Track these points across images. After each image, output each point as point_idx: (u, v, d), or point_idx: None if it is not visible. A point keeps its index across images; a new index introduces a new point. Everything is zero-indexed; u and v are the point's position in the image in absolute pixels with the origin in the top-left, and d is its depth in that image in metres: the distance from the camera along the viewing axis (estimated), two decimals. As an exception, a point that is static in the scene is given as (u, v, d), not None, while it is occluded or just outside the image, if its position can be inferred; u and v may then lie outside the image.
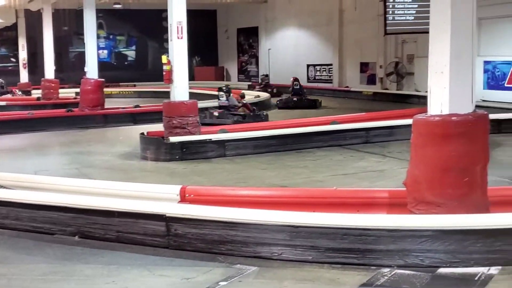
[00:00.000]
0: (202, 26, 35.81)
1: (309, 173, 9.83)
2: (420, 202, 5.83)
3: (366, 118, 14.33)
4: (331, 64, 28.46)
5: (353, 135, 12.70)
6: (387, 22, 20.61)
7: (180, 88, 11.99)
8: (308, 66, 30.11)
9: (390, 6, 20.21)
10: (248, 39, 36.03)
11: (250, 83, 32.76)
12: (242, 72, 36.52)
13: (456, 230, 5.17)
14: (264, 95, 22.88)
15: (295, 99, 20.85)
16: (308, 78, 29.69)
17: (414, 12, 20.22)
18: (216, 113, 16.10)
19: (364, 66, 26.59)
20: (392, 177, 9.16)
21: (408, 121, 6.38)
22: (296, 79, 21.83)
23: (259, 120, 15.79)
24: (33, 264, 5.77)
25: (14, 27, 30.89)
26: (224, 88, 16.73)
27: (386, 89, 24.83)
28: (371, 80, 26.10)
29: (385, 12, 20.52)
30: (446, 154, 5.72)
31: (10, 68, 33.76)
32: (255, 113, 16.46)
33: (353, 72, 27.20)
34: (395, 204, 6.28)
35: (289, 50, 31.57)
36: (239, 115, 16.07)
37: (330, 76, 28.64)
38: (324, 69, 29.15)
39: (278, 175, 9.75)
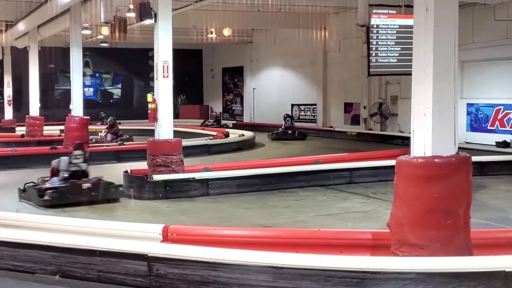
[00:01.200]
0: (187, 65, 36.06)
1: (292, 213, 9.80)
2: (404, 244, 5.82)
3: (349, 159, 14.32)
4: (315, 104, 28.62)
5: (336, 175, 12.68)
6: (371, 64, 20.75)
7: (164, 126, 11.99)
8: (292, 105, 30.25)
9: (374, 49, 20.38)
10: (233, 78, 36.24)
11: (234, 121, 32.87)
12: (227, 111, 36.64)
13: (440, 273, 5.14)
14: (248, 134, 22.97)
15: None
16: (292, 118, 29.81)
17: (397, 54, 20.40)
18: (290, 132, 23.95)
19: (348, 107, 26.74)
20: (376, 218, 9.15)
21: (392, 162, 6.40)
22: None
23: (302, 137, 24.11)
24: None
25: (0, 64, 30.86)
26: (289, 115, 25.85)
27: (370, 129, 24.95)
28: (355, 120, 26.24)
29: (369, 54, 20.70)
30: (429, 195, 5.73)
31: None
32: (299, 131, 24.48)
33: (337, 112, 27.33)
34: (378, 246, 6.26)
35: (274, 90, 31.79)
36: (300, 133, 24.11)
37: (314, 115, 28.78)
38: (309, 109, 29.30)
39: (261, 215, 9.72)
